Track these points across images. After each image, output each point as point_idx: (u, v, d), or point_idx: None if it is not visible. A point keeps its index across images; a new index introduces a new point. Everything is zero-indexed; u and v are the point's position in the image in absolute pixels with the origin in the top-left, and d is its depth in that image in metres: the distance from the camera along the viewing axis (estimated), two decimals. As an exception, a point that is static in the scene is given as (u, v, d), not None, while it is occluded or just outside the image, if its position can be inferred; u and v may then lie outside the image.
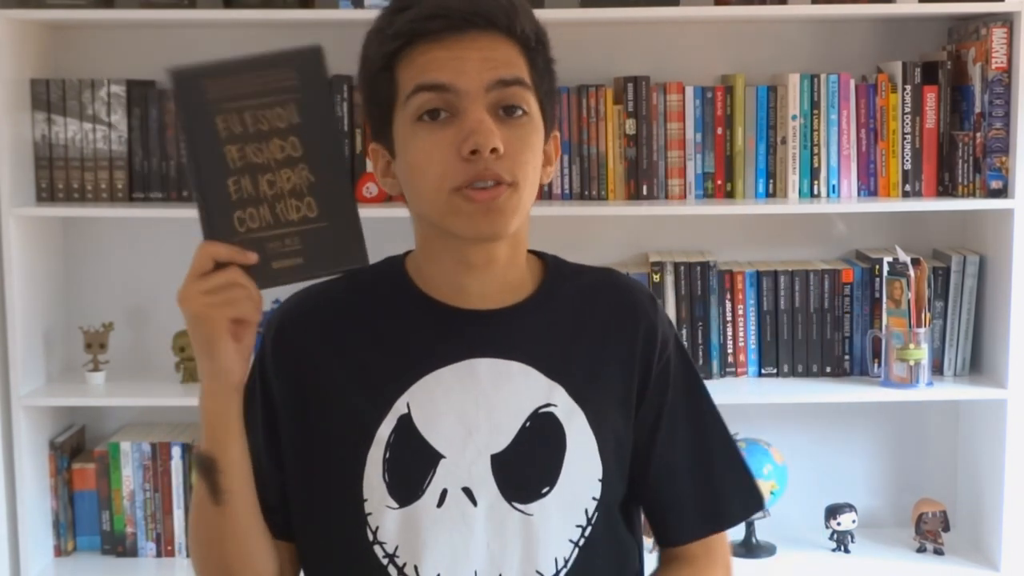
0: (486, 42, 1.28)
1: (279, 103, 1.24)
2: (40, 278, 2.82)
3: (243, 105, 1.23)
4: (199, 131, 1.23)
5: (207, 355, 1.24)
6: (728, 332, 2.85)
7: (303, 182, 1.24)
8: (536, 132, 1.31)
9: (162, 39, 2.89)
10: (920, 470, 3.02)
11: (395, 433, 1.32)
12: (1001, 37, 2.65)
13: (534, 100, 1.31)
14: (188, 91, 1.23)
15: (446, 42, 1.27)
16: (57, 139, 2.78)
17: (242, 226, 1.23)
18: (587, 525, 1.34)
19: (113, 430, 2.95)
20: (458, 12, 1.26)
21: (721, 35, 2.94)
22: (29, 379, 2.75)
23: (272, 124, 1.24)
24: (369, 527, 1.32)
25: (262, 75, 1.24)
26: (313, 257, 1.24)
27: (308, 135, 1.24)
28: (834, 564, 2.82)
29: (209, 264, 1.22)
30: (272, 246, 1.23)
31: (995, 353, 2.77)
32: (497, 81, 1.27)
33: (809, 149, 2.79)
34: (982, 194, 2.72)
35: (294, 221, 1.24)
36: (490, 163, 1.25)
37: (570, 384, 1.34)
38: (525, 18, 1.31)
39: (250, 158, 1.23)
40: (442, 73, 1.26)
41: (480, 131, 1.24)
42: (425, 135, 1.27)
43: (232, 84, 1.23)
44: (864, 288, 2.84)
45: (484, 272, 1.34)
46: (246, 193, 1.23)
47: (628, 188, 2.80)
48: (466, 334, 1.34)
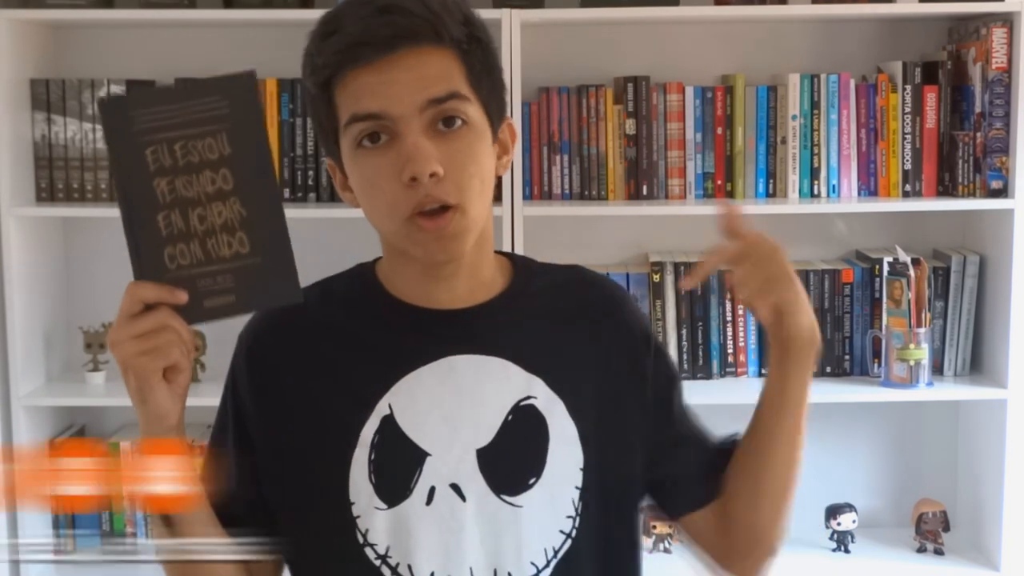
0: (416, 58, 1.26)
1: (209, 133, 1.20)
2: (40, 278, 2.82)
3: (173, 136, 1.20)
4: (128, 163, 1.20)
5: (139, 402, 1.23)
6: (728, 332, 2.85)
7: (235, 216, 1.21)
8: (479, 139, 1.30)
9: (162, 39, 2.89)
10: (920, 470, 3.02)
11: (379, 434, 1.32)
12: (1001, 37, 2.65)
13: (473, 106, 1.30)
14: (116, 121, 1.20)
15: (376, 64, 1.25)
16: (57, 139, 2.78)
17: (172, 263, 1.20)
18: (576, 515, 1.35)
19: (113, 430, 2.96)
20: (380, 36, 1.24)
21: (721, 35, 2.94)
22: (29, 379, 2.76)
23: (203, 156, 1.20)
24: (359, 529, 1.32)
25: (192, 104, 1.20)
26: (245, 294, 1.21)
27: (239, 167, 1.21)
28: (834, 564, 2.82)
29: (138, 306, 1.20)
30: (203, 283, 1.20)
31: (995, 353, 2.77)
32: (428, 100, 1.26)
33: (809, 149, 2.79)
34: (982, 194, 2.72)
35: (226, 257, 1.21)
36: (431, 188, 1.25)
37: (548, 376, 1.35)
38: (451, 21, 1.28)
39: (180, 191, 1.20)
40: (373, 101, 1.25)
41: (415, 158, 1.24)
42: (366, 161, 1.28)
43: (161, 114, 1.20)
44: (864, 288, 2.84)
45: (451, 278, 1.35)
46: (176, 229, 1.20)
47: (628, 188, 2.80)
48: (442, 333, 1.35)
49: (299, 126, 2.78)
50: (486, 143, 1.32)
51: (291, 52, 3.26)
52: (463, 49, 1.29)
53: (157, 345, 1.20)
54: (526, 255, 1.50)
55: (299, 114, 2.77)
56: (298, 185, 2.78)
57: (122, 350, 1.20)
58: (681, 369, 2.81)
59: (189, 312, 1.20)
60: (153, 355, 1.20)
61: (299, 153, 2.78)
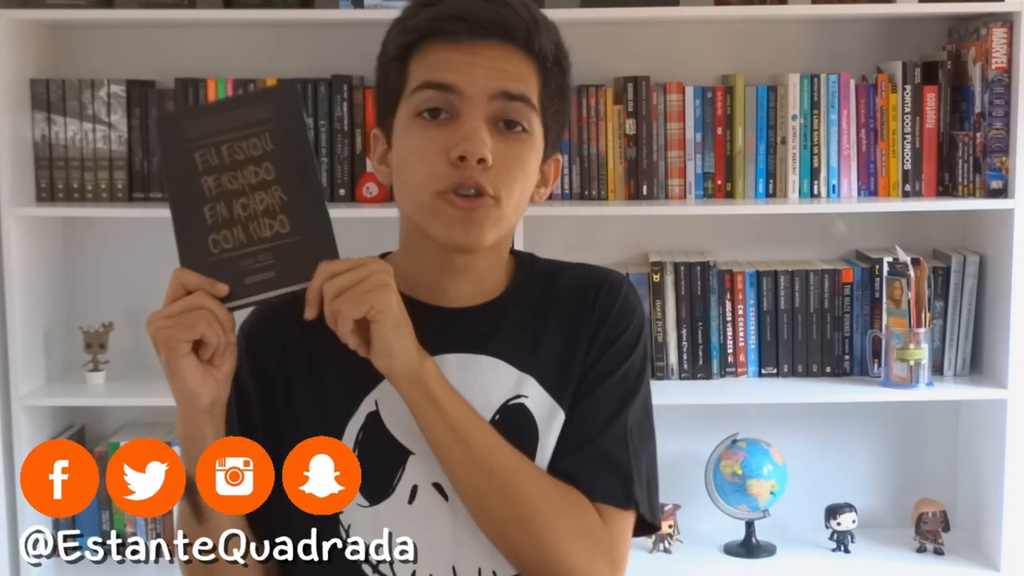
0: (501, 53, 1.28)
1: (254, 134, 1.27)
2: (40, 278, 2.82)
3: (220, 140, 1.26)
4: (178, 168, 1.26)
5: (169, 376, 1.24)
6: (728, 332, 2.84)
7: (276, 202, 1.26)
8: (533, 151, 1.31)
9: (162, 39, 2.89)
10: (920, 470, 3.02)
11: (363, 431, 1.33)
12: (1001, 37, 2.65)
13: (538, 120, 1.31)
14: (169, 134, 1.28)
15: (461, 45, 1.27)
16: (57, 139, 2.78)
17: (216, 248, 1.25)
18: None
19: (113, 430, 2.96)
20: (478, 17, 1.27)
21: (721, 35, 2.94)
22: (29, 379, 2.76)
23: (247, 153, 1.26)
24: (341, 525, 1.32)
25: (239, 112, 1.28)
26: (285, 269, 1.25)
27: (282, 159, 1.26)
28: (834, 564, 2.82)
29: (181, 291, 1.22)
30: (245, 263, 1.25)
31: (995, 353, 2.77)
32: (501, 92, 1.28)
33: (809, 149, 2.79)
34: (982, 194, 2.72)
35: (267, 238, 1.25)
36: (475, 172, 1.26)
37: (542, 375, 1.35)
38: (546, 37, 1.31)
39: (225, 185, 1.26)
40: (449, 73, 1.27)
41: (472, 139, 1.25)
42: (421, 132, 1.28)
43: (210, 123, 1.27)
44: (864, 288, 2.84)
45: (463, 277, 1.35)
46: (220, 217, 1.25)
47: (628, 188, 2.80)
48: (434, 331, 1.34)
49: (301, 125, 2.78)
50: (536, 161, 1.33)
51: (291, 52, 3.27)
52: (546, 66, 1.32)
53: (184, 320, 1.21)
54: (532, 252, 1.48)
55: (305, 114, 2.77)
56: (299, 185, 2.78)
57: (152, 327, 1.22)
58: (681, 369, 2.81)
59: (232, 290, 1.24)
60: (179, 328, 1.21)
61: (300, 153, 2.78)
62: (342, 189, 2.76)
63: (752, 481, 2.75)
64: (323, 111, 2.76)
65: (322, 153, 2.77)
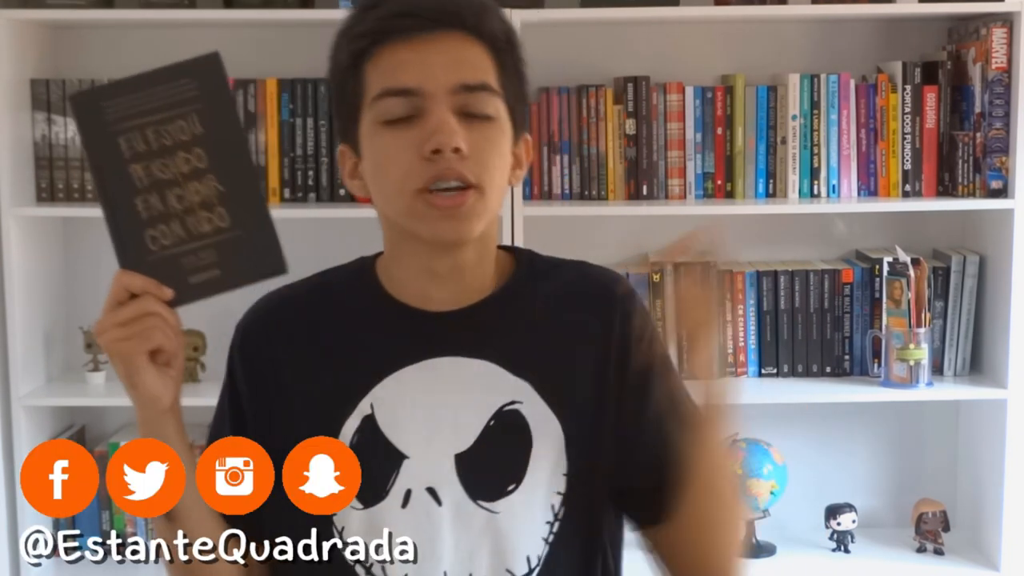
0: (454, 43, 1.27)
1: (180, 116, 1.22)
2: (40, 278, 2.82)
3: (144, 122, 1.22)
4: (102, 154, 1.22)
5: (130, 387, 1.24)
6: (728, 332, 2.84)
7: (212, 193, 1.21)
8: (502, 135, 1.30)
9: (162, 39, 2.89)
10: (920, 470, 3.02)
11: (359, 433, 1.32)
12: (1001, 37, 2.65)
13: (502, 104, 1.30)
14: (87, 115, 1.22)
15: (413, 42, 1.26)
16: (57, 139, 2.78)
17: (155, 244, 1.21)
18: (555, 521, 1.33)
19: (113, 430, 2.96)
20: (426, 11, 1.26)
21: (721, 35, 2.94)
22: (29, 379, 2.76)
23: (175, 138, 1.21)
24: (335, 527, 1.32)
25: (161, 90, 1.22)
26: (230, 268, 1.22)
27: (213, 145, 1.22)
28: (834, 564, 2.82)
29: (124, 295, 1.21)
30: (187, 261, 1.21)
31: (995, 353, 2.77)
32: (462, 85, 1.27)
33: (809, 149, 2.80)
34: (982, 194, 2.72)
35: (207, 233, 1.21)
36: (453, 162, 1.25)
37: (537, 380, 1.34)
38: (494, 18, 1.31)
39: (156, 175, 1.21)
40: (407, 76, 1.26)
41: (442, 130, 1.24)
42: (389, 135, 1.27)
43: (131, 103, 1.22)
44: (864, 288, 2.84)
45: (450, 280, 1.34)
46: (155, 210, 1.21)
47: (628, 188, 2.81)
48: (429, 334, 1.34)
49: (299, 126, 2.78)
50: (507, 143, 1.32)
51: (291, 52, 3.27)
52: (498, 48, 1.30)
53: (139, 330, 1.20)
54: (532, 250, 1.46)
55: (299, 114, 2.77)
56: (298, 185, 2.78)
57: (106, 337, 1.21)
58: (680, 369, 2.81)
59: (177, 292, 1.21)
60: (136, 340, 1.20)
61: (299, 153, 2.78)
62: (342, 189, 2.76)
63: (752, 481, 2.75)
64: (323, 111, 2.76)
65: (323, 153, 2.77)
